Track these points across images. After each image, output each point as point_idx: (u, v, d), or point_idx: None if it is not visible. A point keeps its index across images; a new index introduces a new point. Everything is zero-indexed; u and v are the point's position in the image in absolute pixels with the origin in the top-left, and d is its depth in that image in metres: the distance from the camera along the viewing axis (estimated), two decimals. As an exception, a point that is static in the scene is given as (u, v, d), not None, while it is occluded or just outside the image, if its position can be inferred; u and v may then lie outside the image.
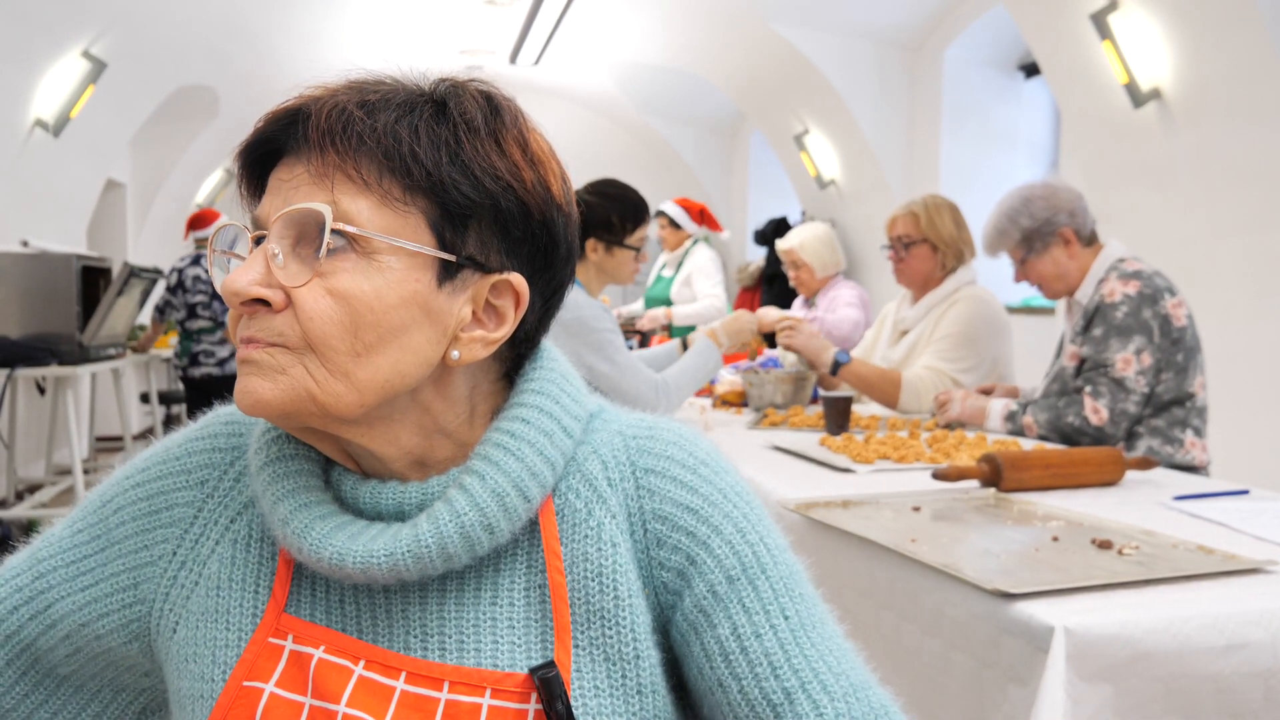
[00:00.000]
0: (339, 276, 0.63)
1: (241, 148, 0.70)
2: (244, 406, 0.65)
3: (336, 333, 0.63)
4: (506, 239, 0.69)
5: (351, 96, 0.67)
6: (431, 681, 0.66)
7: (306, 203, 0.64)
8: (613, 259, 2.43)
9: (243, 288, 0.63)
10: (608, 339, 2.28)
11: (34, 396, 5.59)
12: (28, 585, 0.76)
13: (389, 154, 0.64)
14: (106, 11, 5.30)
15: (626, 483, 0.72)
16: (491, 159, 0.67)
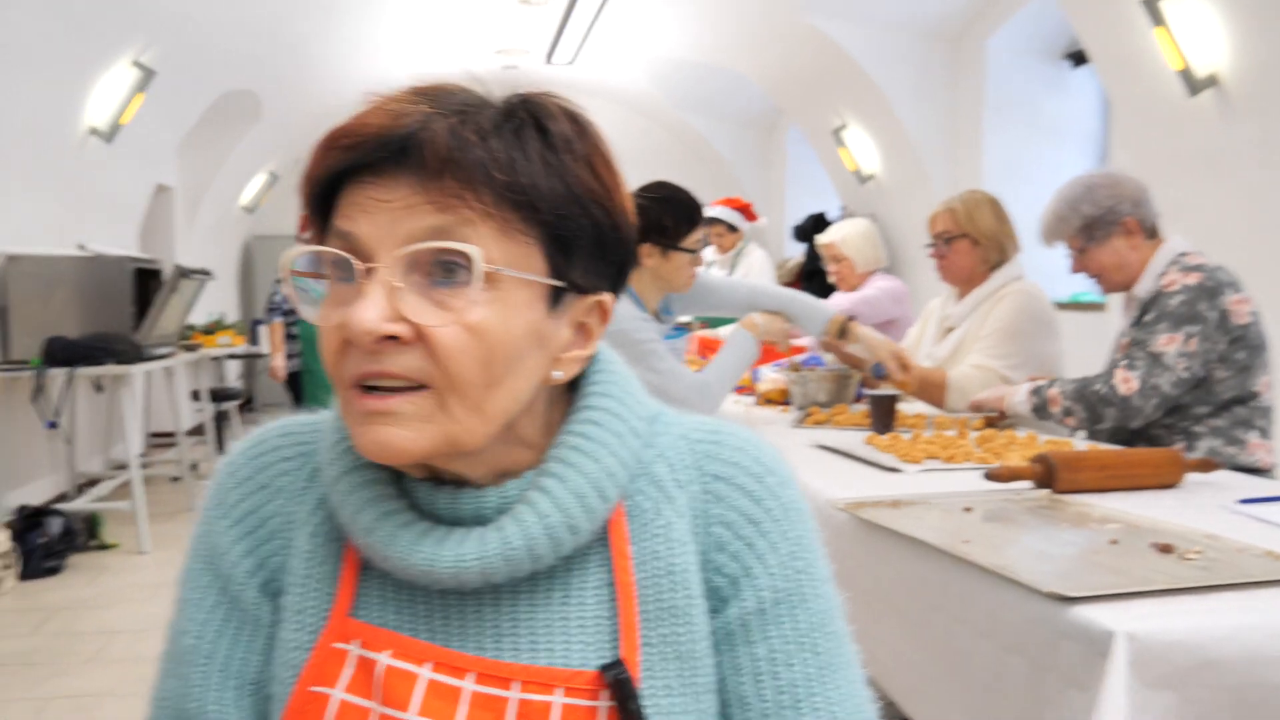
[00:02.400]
0: (472, 310, 0.63)
1: (330, 166, 0.65)
2: (377, 456, 0.65)
3: (473, 367, 0.63)
4: (601, 260, 0.70)
5: (454, 112, 0.64)
6: (501, 681, 0.67)
7: (453, 241, 0.62)
8: (669, 264, 2.36)
9: (374, 325, 0.61)
10: (650, 349, 2.29)
11: (92, 394, 5.72)
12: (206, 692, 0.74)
13: (510, 183, 0.63)
14: (155, 21, 5.40)
15: (693, 485, 0.73)
16: (590, 184, 0.67)
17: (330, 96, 8.92)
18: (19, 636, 3.43)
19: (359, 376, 0.64)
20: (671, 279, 2.39)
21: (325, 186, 0.66)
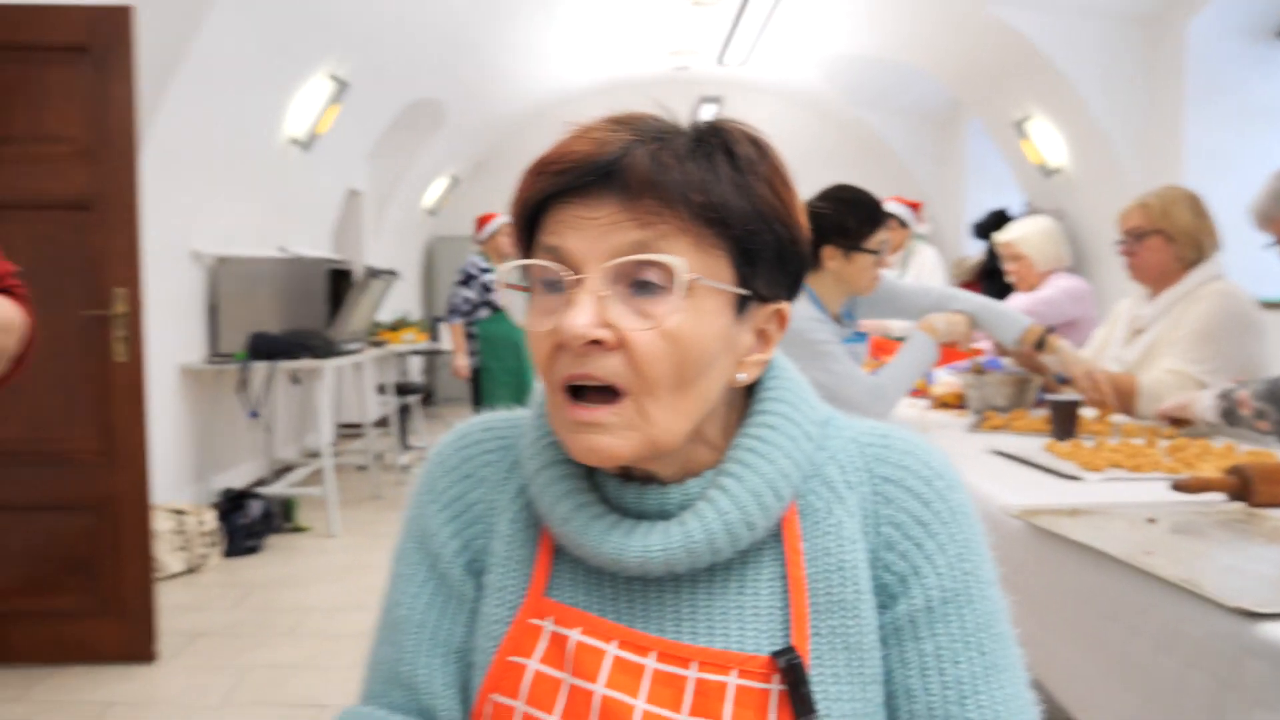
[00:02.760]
0: (671, 318, 0.68)
1: (539, 190, 0.72)
2: (587, 460, 0.71)
3: (669, 371, 0.69)
4: (781, 270, 0.75)
5: (651, 139, 0.70)
6: (681, 661, 0.72)
7: (654, 254, 0.68)
8: (852, 265, 2.33)
9: (584, 330, 0.67)
10: (825, 350, 2.27)
11: (289, 386, 6.14)
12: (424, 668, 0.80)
13: (705, 202, 0.69)
14: (349, 37, 5.74)
15: (863, 487, 0.76)
16: (772, 201, 0.73)
17: (508, 103, 9.25)
18: (223, 609, 3.72)
19: (568, 378, 0.70)
20: (854, 281, 2.35)
21: (534, 208, 0.73)
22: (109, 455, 3.14)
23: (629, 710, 0.71)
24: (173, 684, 3.00)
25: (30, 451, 3.11)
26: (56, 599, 3.14)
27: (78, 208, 3.09)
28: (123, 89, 3.09)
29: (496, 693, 0.75)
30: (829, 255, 2.33)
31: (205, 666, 3.14)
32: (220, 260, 5.10)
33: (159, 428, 4.29)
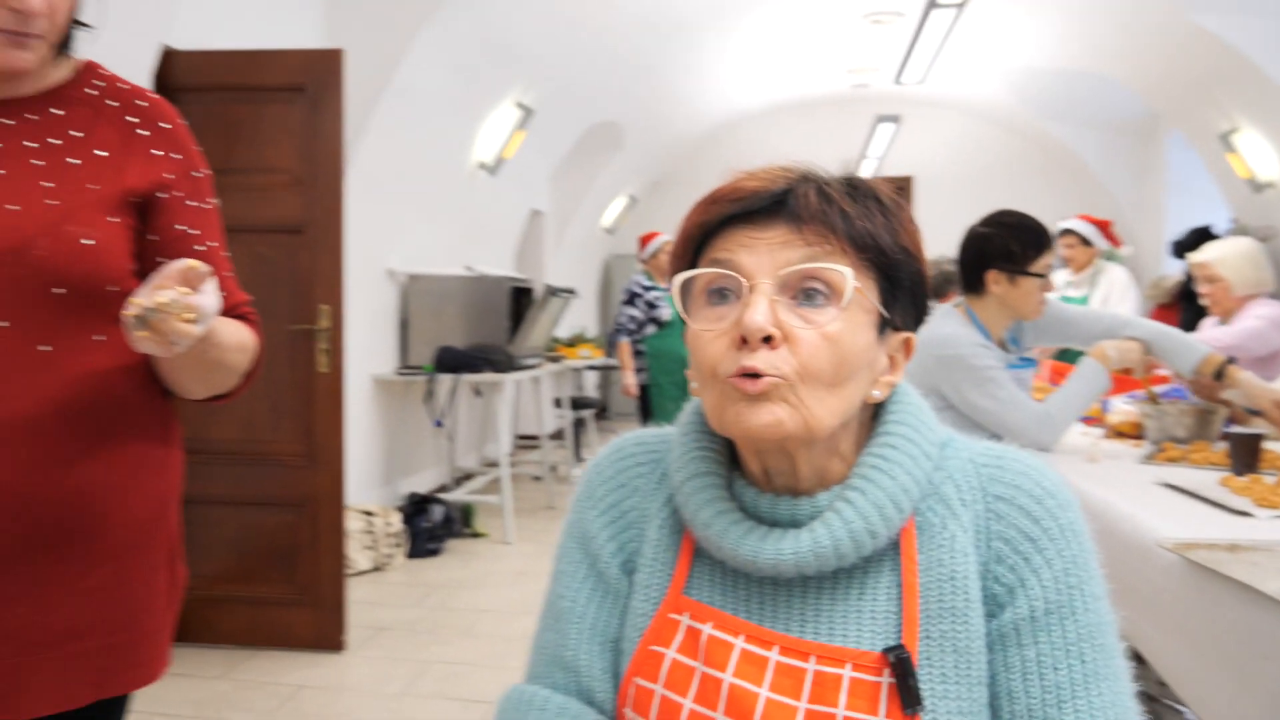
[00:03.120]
0: (832, 324, 0.78)
1: (713, 216, 0.83)
2: (760, 427, 0.78)
3: (826, 367, 0.78)
4: (913, 304, 0.86)
5: (816, 181, 0.82)
6: (801, 655, 0.81)
7: (827, 262, 0.79)
8: (1017, 289, 2.29)
9: (763, 324, 0.77)
10: (989, 375, 2.24)
11: (471, 398, 6.48)
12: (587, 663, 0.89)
13: (864, 230, 0.80)
14: (534, 66, 6.03)
15: (977, 504, 0.83)
16: (910, 239, 0.84)
17: (684, 124, 9.41)
18: (405, 607, 3.98)
19: (741, 369, 0.78)
20: (1019, 306, 2.32)
21: (708, 232, 0.84)
22: (309, 457, 3.43)
23: (754, 698, 0.80)
24: (358, 672, 3.25)
25: (241, 452, 3.44)
26: (259, 587, 3.45)
27: (291, 231, 3.41)
28: (332, 124, 3.39)
29: (639, 677, 0.85)
30: (993, 280, 2.30)
31: (388, 658, 3.37)
32: (412, 278, 5.45)
33: (353, 434, 4.63)
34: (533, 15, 5.43)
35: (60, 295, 1.09)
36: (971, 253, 2.34)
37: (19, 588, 1.09)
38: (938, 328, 2.31)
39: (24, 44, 1.08)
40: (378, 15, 4.60)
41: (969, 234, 2.37)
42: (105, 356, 1.13)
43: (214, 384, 1.22)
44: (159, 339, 0.99)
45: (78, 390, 1.11)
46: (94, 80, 1.21)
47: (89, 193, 1.12)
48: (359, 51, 4.42)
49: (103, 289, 1.12)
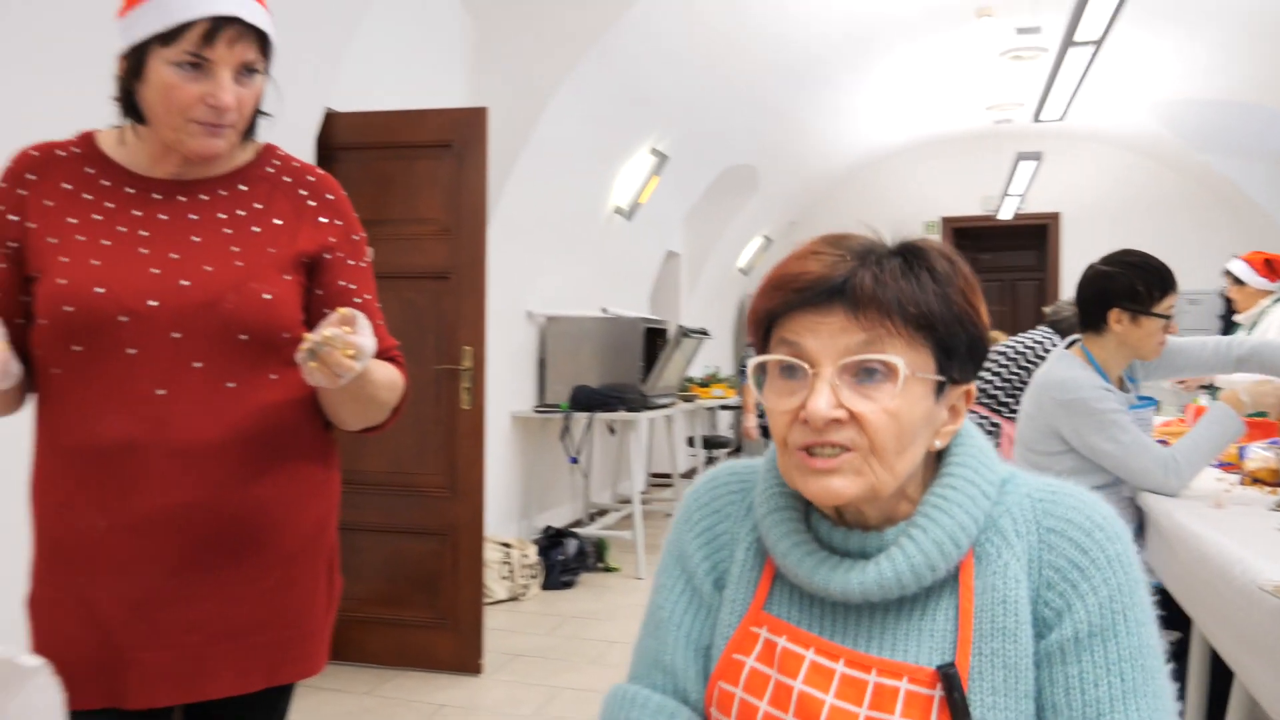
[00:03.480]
0: (892, 402, 0.87)
1: (779, 303, 0.92)
2: (827, 499, 0.89)
3: (890, 440, 0.88)
4: (970, 360, 0.93)
5: (871, 264, 0.89)
6: (864, 668, 0.90)
7: (881, 354, 0.87)
8: (1139, 329, 2.30)
9: (826, 412, 0.87)
10: (1111, 419, 2.24)
11: (606, 436, 6.66)
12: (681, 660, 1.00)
13: (918, 314, 0.88)
14: (669, 113, 6.23)
15: (1031, 535, 0.91)
16: (964, 306, 0.91)
17: (820, 164, 9.46)
18: (539, 635, 4.14)
19: (807, 445, 0.89)
20: (1139, 346, 2.32)
21: (774, 315, 0.93)
22: (452, 489, 3.64)
23: (820, 704, 0.89)
24: (494, 694, 3.41)
25: (390, 483, 3.68)
26: (403, 611, 3.67)
27: (437, 277, 3.66)
28: (476, 176, 3.63)
29: (723, 681, 0.95)
30: (1115, 319, 2.31)
31: (522, 683, 3.53)
32: (550, 320, 5.69)
33: (492, 468, 4.85)
34: (667, 65, 5.63)
35: (244, 341, 1.28)
36: (1094, 291, 2.35)
37: (206, 587, 1.27)
38: (1058, 371, 2.32)
39: (218, 134, 1.28)
40: (519, 73, 4.88)
41: (1091, 272, 2.37)
42: (279, 392, 1.32)
43: (367, 417, 1.38)
44: (326, 371, 1.16)
45: (256, 420, 1.29)
46: (272, 160, 1.40)
47: (268, 255, 1.31)
48: (502, 108, 4.70)
49: (279, 336, 1.30)
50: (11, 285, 1.29)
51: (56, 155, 1.32)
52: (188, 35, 1.21)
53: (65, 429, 1.26)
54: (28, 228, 1.28)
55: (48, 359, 1.26)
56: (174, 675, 1.26)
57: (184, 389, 1.25)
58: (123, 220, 1.29)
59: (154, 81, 1.24)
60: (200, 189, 1.33)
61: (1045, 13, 5.95)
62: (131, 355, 1.24)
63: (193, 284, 1.26)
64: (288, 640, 1.34)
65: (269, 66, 1.31)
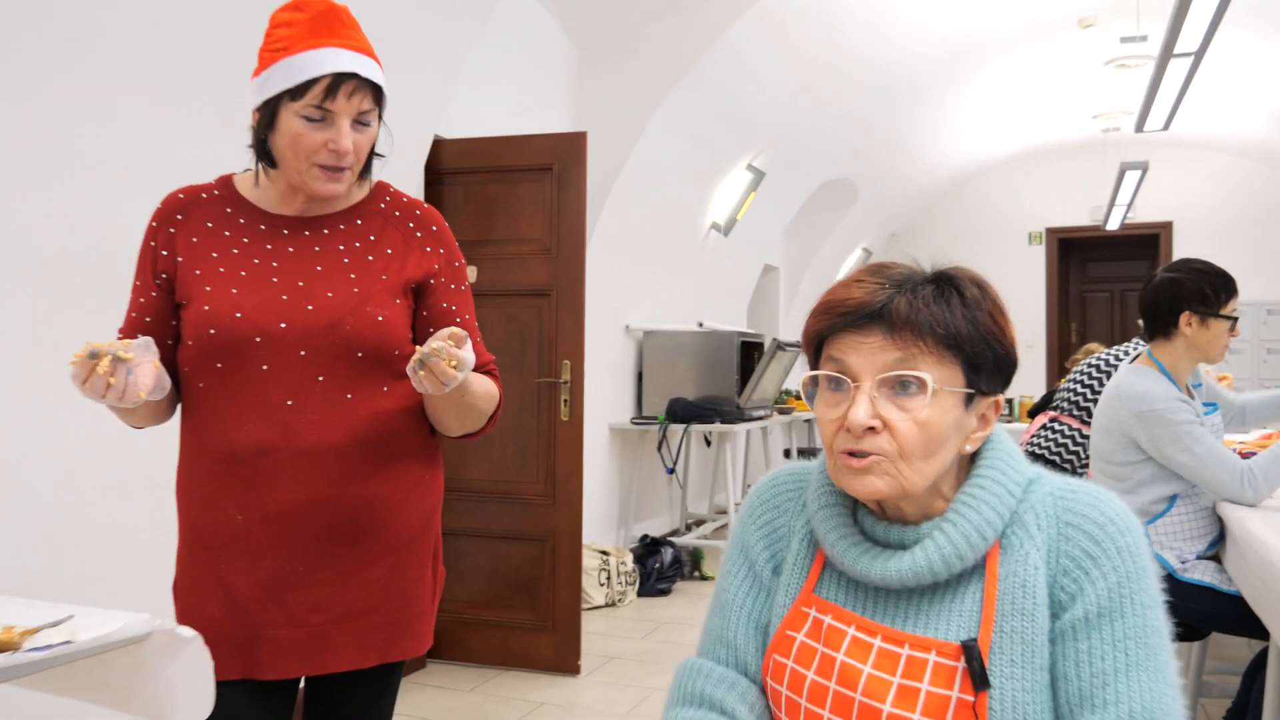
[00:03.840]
0: (921, 412, 1.00)
1: (826, 325, 1.05)
2: (864, 494, 1.03)
3: (918, 447, 1.01)
4: (998, 374, 1.05)
5: (907, 290, 1.02)
6: (898, 642, 1.03)
7: (913, 370, 1.00)
8: (1207, 331, 2.42)
9: (865, 421, 1.00)
10: (1185, 430, 2.30)
11: (702, 448, 6.77)
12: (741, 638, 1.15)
13: (947, 336, 1.01)
14: (766, 130, 6.33)
15: (1051, 529, 1.03)
16: (991, 327, 1.03)
17: (920, 176, 9.40)
18: (634, 639, 4.27)
19: (848, 449, 1.03)
20: (1207, 348, 2.43)
21: (823, 335, 1.06)
22: (551, 497, 3.81)
23: (859, 672, 1.03)
24: (591, 694, 3.55)
25: (492, 491, 3.87)
26: (505, 613, 3.85)
27: (538, 295, 3.84)
28: (576, 198, 3.80)
29: (777, 654, 1.10)
30: (1186, 321, 2.41)
31: (617, 683, 3.66)
32: (647, 334, 5.84)
33: (591, 478, 5.02)
34: (762, 85, 5.74)
35: (360, 357, 1.45)
36: (1164, 296, 2.45)
37: (328, 573, 1.44)
38: (1134, 384, 2.38)
39: (338, 178, 1.46)
40: (619, 97, 5.06)
41: (1158, 280, 2.48)
42: (390, 401, 1.48)
43: (466, 423, 1.54)
44: (433, 379, 1.32)
45: (371, 426, 1.46)
46: (384, 196, 1.58)
47: (381, 282, 1.48)
48: (602, 130, 4.88)
49: (390, 353, 1.47)
50: (164, 312, 1.49)
51: (200, 197, 1.52)
52: (313, 90, 1.39)
53: (207, 435, 1.45)
54: (177, 261, 1.47)
55: (193, 375, 1.46)
56: (301, 651, 1.43)
57: (309, 400, 1.43)
58: (257, 253, 1.47)
59: (284, 130, 1.42)
60: (322, 224, 1.51)
61: (1150, 21, 5.84)
62: (264, 371, 1.42)
63: (316, 308, 1.44)
64: (399, 621, 1.50)
65: (382, 114, 1.49)
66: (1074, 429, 3.64)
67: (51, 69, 2.29)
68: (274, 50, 1.41)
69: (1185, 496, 2.39)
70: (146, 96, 2.53)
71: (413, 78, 3.39)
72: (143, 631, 1.23)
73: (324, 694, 1.54)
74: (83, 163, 2.40)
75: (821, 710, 1.04)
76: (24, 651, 1.12)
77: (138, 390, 1.29)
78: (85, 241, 2.41)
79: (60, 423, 2.35)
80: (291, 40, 1.40)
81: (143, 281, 1.50)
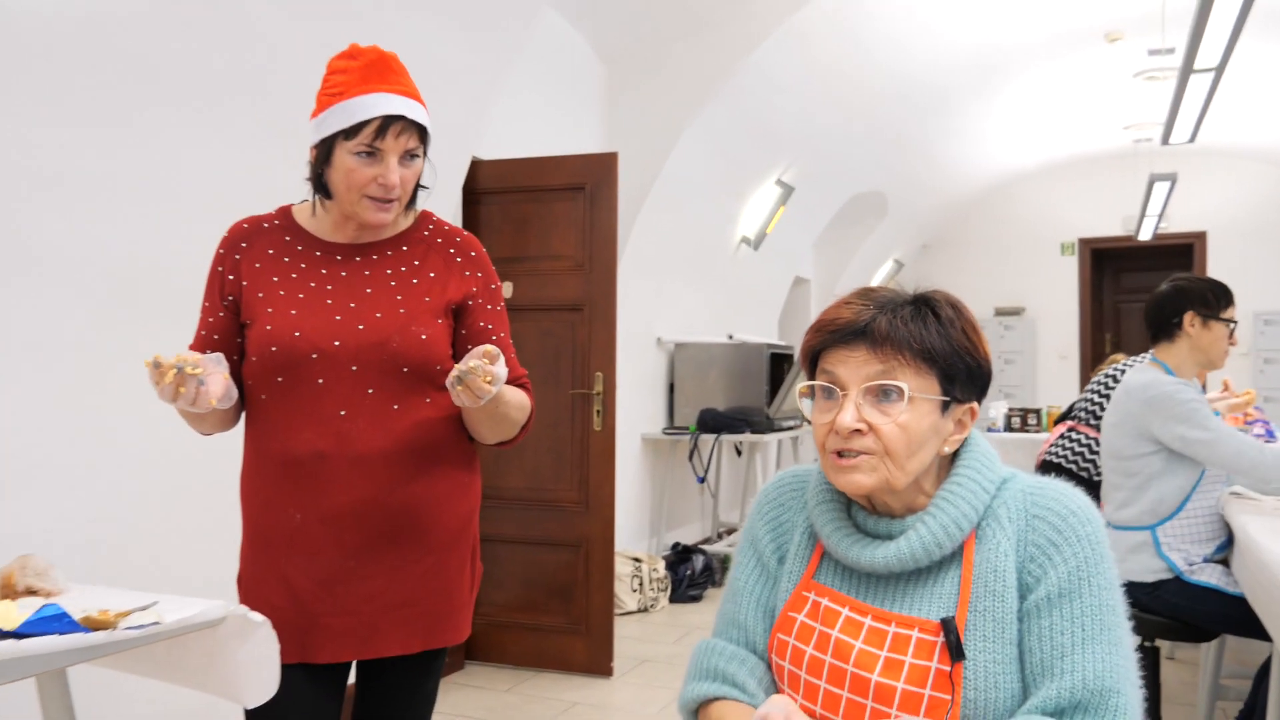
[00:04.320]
0: (900, 416, 1.14)
1: (818, 342, 1.20)
2: (851, 489, 1.17)
3: (901, 447, 1.15)
4: (972, 384, 1.20)
5: (888, 310, 1.17)
6: (885, 621, 1.17)
7: (892, 380, 1.14)
8: (1209, 333, 2.57)
9: (850, 424, 1.15)
10: (1194, 408, 2.42)
11: (733, 457, 6.87)
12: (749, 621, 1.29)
13: (923, 350, 1.16)
14: (795, 145, 6.44)
15: (1019, 521, 1.17)
16: (964, 343, 1.18)
17: (951, 187, 9.45)
18: (666, 643, 4.39)
19: (837, 449, 1.18)
20: (1209, 349, 2.56)
21: (817, 351, 1.22)
22: (584, 504, 3.95)
23: (851, 647, 1.17)
24: (623, 695, 3.68)
25: (527, 498, 4.02)
26: (540, 617, 3.98)
27: (571, 309, 3.98)
28: (608, 215, 3.95)
29: (780, 632, 1.24)
30: (1189, 321, 2.57)
31: (649, 685, 3.78)
32: (678, 346, 5.97)
33: (624, 486, 5.15)
34: (791, 102, 5.86)
35: (406, 372, 1.59)
36: (1168, 300, 2.62)
37: (376, 567, 1.58)
38: (1139, 377, 2.53)
39: (386, 209, 1.60)
40: (649, 116, 5.20)
41: (1163, 288, 2.65)
42: (432, 411, 1.62)
43: (500, 432, 1.68)
44: (469, 393, 1.45)
45: (414, 434, 1.60)
46: (428, 225, 1.72)
47: (425, 304, 1.63)
48: (632, 148, 5.03)
49: (433, 368, 1.61)
50: (231, 331, 1.64)
51: (262, 226, 1.68)
52: (365, 131, 1.54)
53: (269, 442, 1.60)
54: (241, 285, 1.63)
55: (257, 387, 1.61)
56: (353, 637, 1.57)
57: (360, 410, 1.57)
58: (313, 278, 1.62)
59: (338, 166, 1.57)
60: (372, 251, 1.66)
61: (1176, 34, 5.89)
62: (320, 384, 1.57)
63: (366, 328, 1.58)
64: (440, 612, 1.64)
65: (426, 151, 1.63)
66: (1090, 438, 3.72)
67: (113, 101, 2.47)
68: (330, 94, 1.56)
69: (1195, 497, 2.48)
70: (192, 124, 2.71)
71: (451, 102, 3.55)
72: (219, 615, 1.37)
73: (373, 678, 1.68)
74: (134, 188, 2.58)
75: (818, 681, 1.18)
76: (120, 630, 1.27)
77: (209, 398, 1.44)
78: (142, 263, 2.59)
79: (122, 430, 2.53)
80: (346, 85, 1.55)
81: (211, 303, 1.66)
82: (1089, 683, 1.07)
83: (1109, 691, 1.07)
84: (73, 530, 2.42)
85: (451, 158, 3.73)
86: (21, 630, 1.22)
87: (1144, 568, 2.50)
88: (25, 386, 2.32)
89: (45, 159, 2.33)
